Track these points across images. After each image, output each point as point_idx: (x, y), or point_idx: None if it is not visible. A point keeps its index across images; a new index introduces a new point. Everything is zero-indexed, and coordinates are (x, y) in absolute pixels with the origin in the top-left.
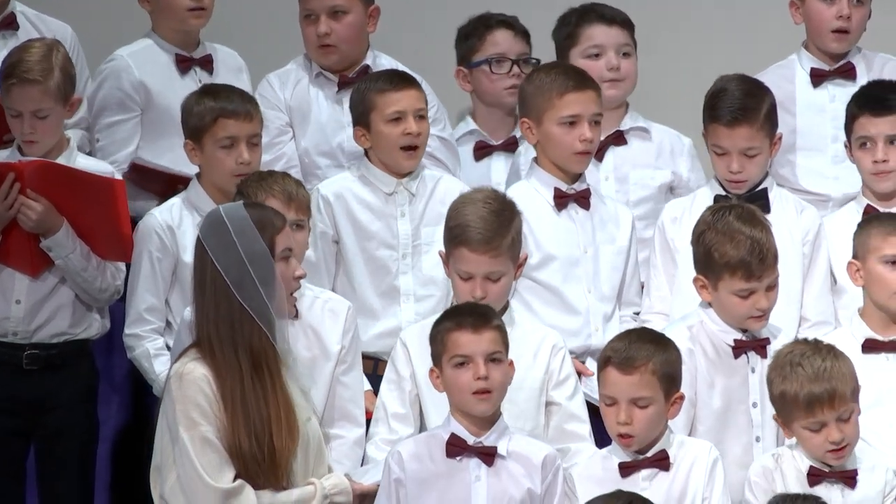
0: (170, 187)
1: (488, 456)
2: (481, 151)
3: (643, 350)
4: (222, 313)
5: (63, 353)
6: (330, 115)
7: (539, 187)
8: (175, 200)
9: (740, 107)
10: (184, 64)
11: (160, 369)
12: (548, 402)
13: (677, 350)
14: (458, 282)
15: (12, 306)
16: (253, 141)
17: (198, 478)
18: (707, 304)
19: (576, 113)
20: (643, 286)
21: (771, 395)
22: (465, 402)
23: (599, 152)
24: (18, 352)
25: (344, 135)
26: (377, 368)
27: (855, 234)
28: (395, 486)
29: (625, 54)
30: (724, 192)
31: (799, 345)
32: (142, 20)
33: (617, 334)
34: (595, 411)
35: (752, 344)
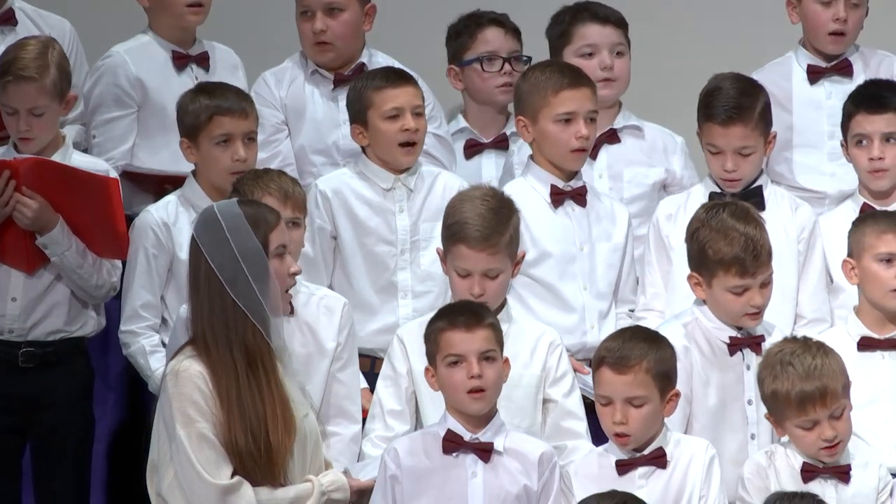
0: (161, 188)
1: (485, 452)
2: (472, 149)
3: (637, 349)
4: (216, 311)
5: (59, 351)
6: (325, 113)
7: (535, 184)
8: (171, 197)
9: (735, 105)
10: (180, 61)
11: (156, 366)
12: (545, 400)
13: (671, 348)
14: (456, 279)
15: (8, 304)
16: (249, 138)
17: (195, 474)
18: (702, 302)
19: (571, 110)
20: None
21: (762, 395)
22: (460, 402)
23: (593, 150)
24: (14, 349)
25: (339, 133)
26: (374, 367)
27: (849, 233)
28: (391, 483)
29: (618, 53)
30: (719, 190)
31: (789, 343)
32: (141, 15)
33: (610, 334)
34: (592, 408)
35: (748, 341)
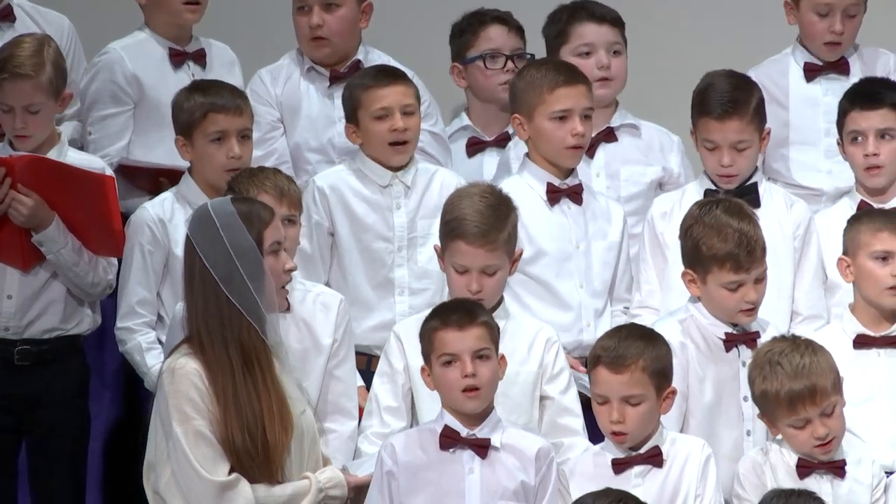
0: (156, 181)
1: (482, 448)
2: (474, 147)
3: (633, 348)
4: (211, 309)
5: (54, 349)
6: (320, 111)
7: (532, 182)
8: (167, 194)
9: (730, 99)
10: (177, 58)
11: (152, 363)
12: (541, 396)
13: (667, 345)
14: (454, 276)
15: (3, 301)
16: (243, 135)
17: (193, 472)
18: (696, 299)
19: (567, 107)
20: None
21: (753, 395)
22: (455, 400)
23: (590, 149)
24: (10, 347)
25: (334, 130)
26: (370, 364)
27: (845, 231)
28: (388, 479)
29: (615, 52)
30: (714, 188)
31: (777, 342)
32: (140, 12)
33: (606, 332)
34: (589, 405)
35: (743, 337)
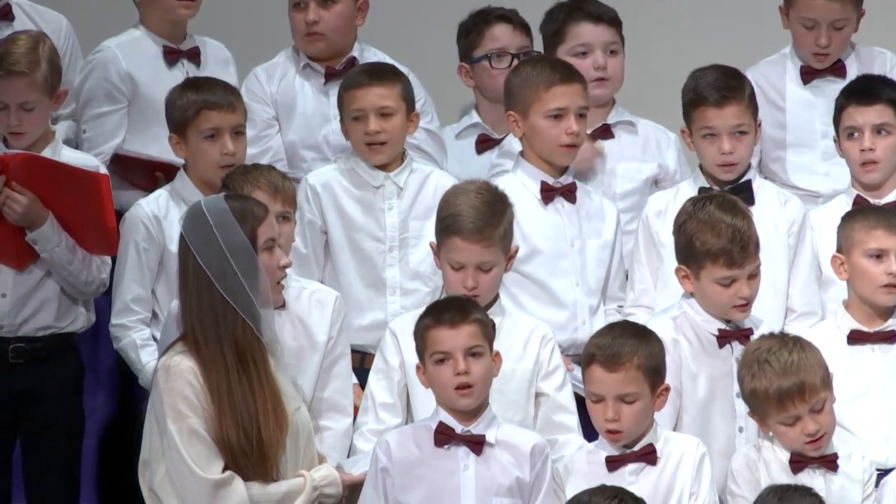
0: (152, 175)
1: (477, 444)
2: (483, 145)
3: (627, 346)
4: (206, 307)
5: (48, 347)
6: (315, 108)
7: (525, 180)
8: (162, 191)
9: (725, 86)
10: (171, 56)
11: (146, 360)
12: (536, 393)
13: (660, 342)
14: (450, 272)
15: None
16: (237, 131)
17: (187, 469)
18: (689, 295)
19: (562, 106)
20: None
21: (742, 394)
22: (448, 398)
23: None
24: (4, 345)
25: (329, 128)
26: (364, 362)
27: (839, 228)
28: (382, 475)
29: (612, 52)
30: (708, 185)
31: (765, 340)
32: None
33: (598, 330)
34: (583, 402)
35: (736, 334)
